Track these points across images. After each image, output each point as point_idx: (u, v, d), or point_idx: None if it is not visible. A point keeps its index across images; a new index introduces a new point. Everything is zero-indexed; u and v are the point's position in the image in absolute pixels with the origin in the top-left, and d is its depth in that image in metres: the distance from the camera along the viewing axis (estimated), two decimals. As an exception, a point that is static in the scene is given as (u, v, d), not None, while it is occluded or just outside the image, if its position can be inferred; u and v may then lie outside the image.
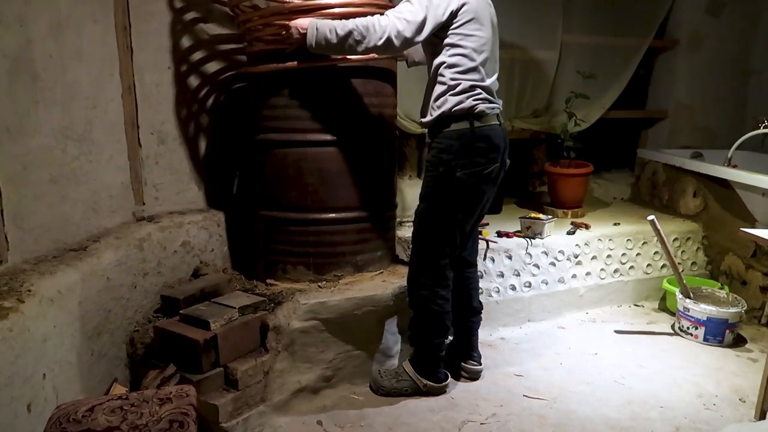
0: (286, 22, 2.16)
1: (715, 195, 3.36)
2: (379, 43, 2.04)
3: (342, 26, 2.06)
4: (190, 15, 2.59)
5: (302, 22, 2.12)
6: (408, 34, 2.04)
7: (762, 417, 2.15)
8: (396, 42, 2.05)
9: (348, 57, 2.27)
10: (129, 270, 2.23)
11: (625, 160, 4.25)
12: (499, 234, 3.06)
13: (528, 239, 3.02)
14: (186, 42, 2.60)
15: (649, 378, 2.51)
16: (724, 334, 2.78)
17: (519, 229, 3.10)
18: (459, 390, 2.41)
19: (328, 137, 2.38)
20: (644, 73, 4.13)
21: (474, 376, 2.48)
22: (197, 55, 2.64)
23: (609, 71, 3.79)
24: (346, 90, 2.37)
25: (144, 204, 2.55)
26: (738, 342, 2.83)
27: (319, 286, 2.42)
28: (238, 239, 2.78)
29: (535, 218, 3.06)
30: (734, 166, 3.31)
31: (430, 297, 2.28)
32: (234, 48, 2.71)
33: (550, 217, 3.16)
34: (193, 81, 2.66)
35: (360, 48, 2.06)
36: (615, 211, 3.66)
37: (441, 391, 2.36)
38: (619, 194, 4.08)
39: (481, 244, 2.89)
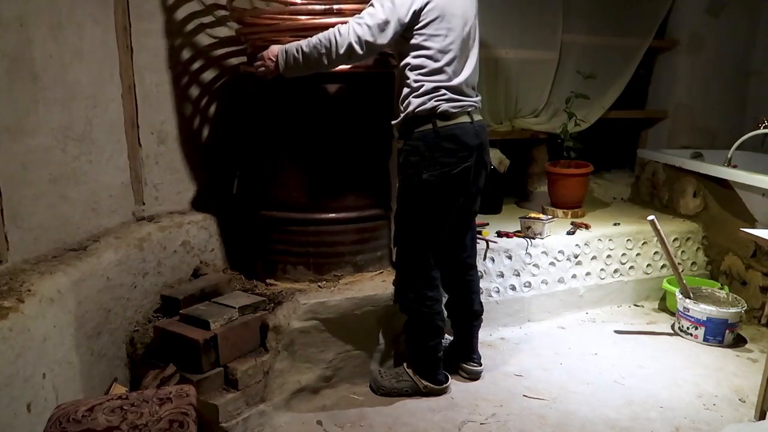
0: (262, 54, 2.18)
1: (715, 195, 3.36)
2: (342, 51, 2.03)
3: (306, 43, 2.07)
4: (191, 15, 2.59)
5: (273, 49, 2.14)
6: (369, 38, 2.02)
7: (762, 417, 2.15)
8: (358, 48, 2.03)
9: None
10: (129, 270, 2.23)
11: (625, 160, 4.25)
12: (499, 234, 3.06)
13: (528, 239, 3.02)
14: (186, 42, 2.59)
15: (649, 378, 2.51)
16: (724, 334, 2.78)
17: (519, 229, 3.10)
18: (459, 390, 2.41)
19: (328, 138, 2.39)
20: (644, 73, 4.13)
21: (474, 377, 2.48)
22: (197, 55, 2.64)
23: (609, 71, 3.78)
24: (345, 92, 2.37)
25: (144, 204, 2.55)
26: (738, 342, 2.83)
27: (319, 286, 2.42)
28: (238, 239, 2.78)
29: (535, 218, 3.06)
30: (734, 166, 3.30)
31: (418, 299, 2.27)
32: (234, 48, 2.71)
33: (550, 217, 3.16)
34: (193, 81, 2.65)
35: (326, 60, 2.07)
36: (615, 211, 3.66)
37: (441, 393, 2.36)
38: (619, 194, 4.08)
39: (481, 244, 2.90)
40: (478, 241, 2.89)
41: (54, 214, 2.06)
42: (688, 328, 2.87)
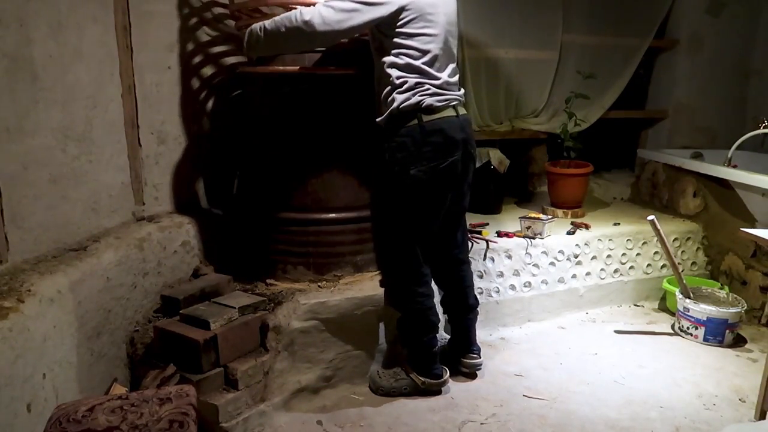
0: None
1: (715, 195, 3.36)
2: (303, 30, 2.04)
3: (270, 22, 2.09)
4: (191, 15, 2.59)
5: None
6: (333, 20, 2.03)
7: (762, 417, 2.15)
8: (320, 29, 2.03)
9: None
10: (129, 270, 2.23)
11: (625, 160, 4.25)
12: (499, 234, 3.06)
13: (528, 239, 3.02)
14: (186, 42, 2.59)
15: (649, 378, 2.51)
16: (724, 334, 2.78)
17: (519, 229, 3.10)
18: (459, 390, 2.41)
19: (328, 137, 2.39)
20: (644, 73, 4.13)
21: (474, 369, 2.47)
22: (197, 55, 2.64)
23: (609, 71, 3.79)
24: (345, 92, 2.37)
25: (144, 204, 2.55)
26: (738, 342, 2.83)
27: (319, 286, 2.42)
28: (238, 239, 2.78)
29: (535, 218, 3.06)
30: (734, 166, 3.31)
31: (409, 296, 2.27)
32: (234, 48, 2.71)
33: (550, 217, 3.16)
34: (194, 81, 2.66)
35: (285, 40, 2.09)
36: (615, 211, 3.66)
37: (440, 387, 2.36)
38: (619, 194, 4.08)
39: (481, 244, 2.90)
40: (477, 241, 2.90)
41: (54, 214, 2.06)
42: (688, 328, 2.87)
